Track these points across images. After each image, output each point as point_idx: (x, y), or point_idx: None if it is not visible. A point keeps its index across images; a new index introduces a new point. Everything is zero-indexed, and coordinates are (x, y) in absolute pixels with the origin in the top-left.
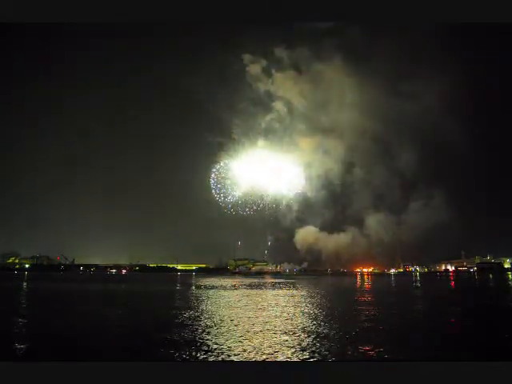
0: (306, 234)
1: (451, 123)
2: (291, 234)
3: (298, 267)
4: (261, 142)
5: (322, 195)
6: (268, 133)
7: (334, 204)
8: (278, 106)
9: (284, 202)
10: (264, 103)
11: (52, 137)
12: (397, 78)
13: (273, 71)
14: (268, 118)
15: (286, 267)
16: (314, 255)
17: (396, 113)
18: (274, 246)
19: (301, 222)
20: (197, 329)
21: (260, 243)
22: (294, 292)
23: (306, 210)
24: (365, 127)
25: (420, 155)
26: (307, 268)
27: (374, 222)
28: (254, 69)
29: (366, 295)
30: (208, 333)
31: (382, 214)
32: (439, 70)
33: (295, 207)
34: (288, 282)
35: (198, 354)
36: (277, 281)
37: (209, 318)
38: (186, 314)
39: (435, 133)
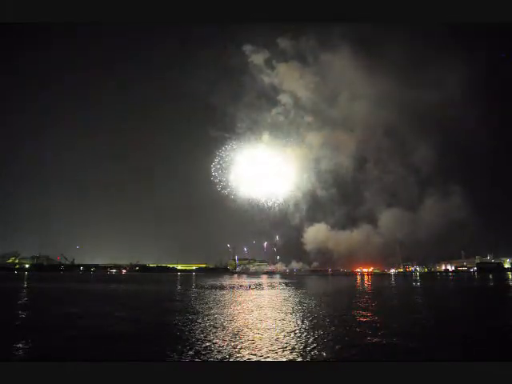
0: (316, 233)
1: (470, 116)
2: (299, 233)
3: (297, 267)
4: (266, 137)
5: (333, 192)
6: (274, 127)
7: (345, 201)
8: (284, 99)
9: (291, 200)
10: (269, 96)
11: (52, 137)
12: (411, 68)
13: (277, 62)
14: (274, 111)
15: (289, 267)
16: (324, 254)
17: (410, 105)
18: (282, 246)
19: (309, 220)
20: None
21: (264, 243)
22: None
23: (315, 208)
24: (377, 120)
25: (436, 150)
26: (314, 268)
27: (388, 219)
28: (257, 60)
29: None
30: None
31: (396, 211)
32: (458, 59)
33: (303, 205)
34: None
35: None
36: (275, 281)
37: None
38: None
39: (452, 126)
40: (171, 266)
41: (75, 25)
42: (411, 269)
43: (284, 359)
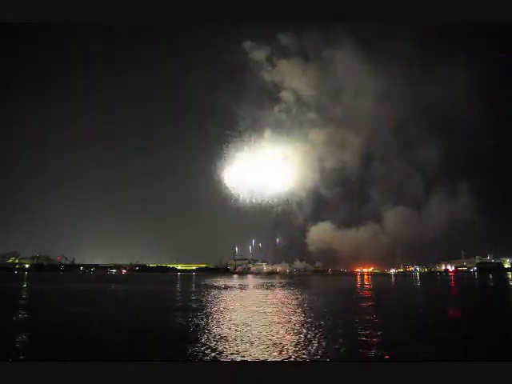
0: (319, 232)
1: (471, 116)
2: (303, 233)
3: (300, 267)
4: (268, 135)
5: (337, 191)
6: (276, 124)
7: (350, 200)
8: (286, 96)
9: (295, 199)
10: (270, 94)
11: (51, 137)
12: (416, 64)
13: (278, 59)
14: (275, 109)
15: (292, 267)
16: (327, 254)
17: (416, 102)
18: (285, 245)
19: (313, 219)
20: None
21: (265, 242)
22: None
23: (319, 206)
24: (382, 118)
25: (442, 148)
26: (316, 268)
27: (393, 218)
28: (258, 57)
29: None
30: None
31: (402, 209)
32: (465, 54)
33: (307, 204)
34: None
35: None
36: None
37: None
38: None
39: (456, 125)
40: (171, 266)
41: (75, 25)
42: (411, 269)
43: (284, 359)
